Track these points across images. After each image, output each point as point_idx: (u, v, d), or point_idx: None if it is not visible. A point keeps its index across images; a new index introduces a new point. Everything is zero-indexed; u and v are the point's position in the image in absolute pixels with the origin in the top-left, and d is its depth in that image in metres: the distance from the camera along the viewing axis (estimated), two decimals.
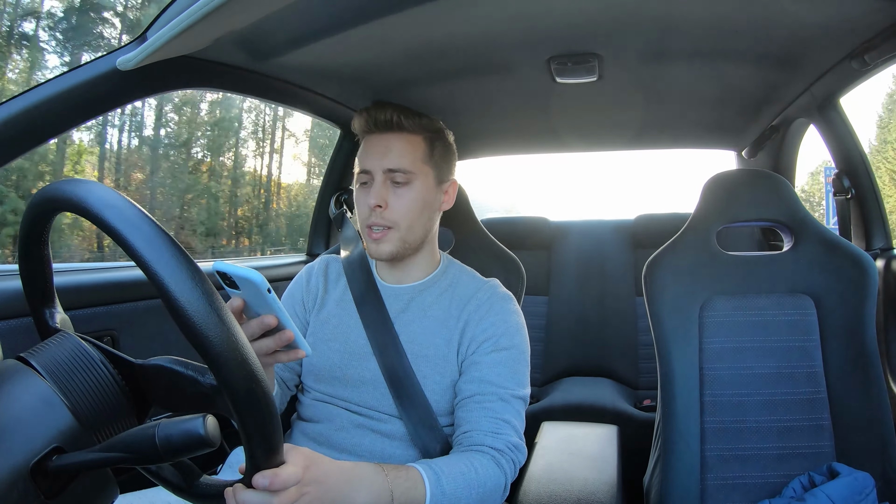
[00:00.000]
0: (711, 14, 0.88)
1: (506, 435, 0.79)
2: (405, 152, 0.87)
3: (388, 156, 0.86)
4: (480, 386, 0.82)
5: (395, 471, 0.67)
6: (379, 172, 0.86)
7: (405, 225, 0.86)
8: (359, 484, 0.62)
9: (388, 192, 0.86)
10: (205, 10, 0.64)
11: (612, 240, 2.09)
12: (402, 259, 0.91)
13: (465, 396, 0.82)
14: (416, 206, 0.87)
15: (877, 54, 0.95)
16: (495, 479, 0.75)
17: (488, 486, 0.74)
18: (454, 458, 0.75)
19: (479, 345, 0.85)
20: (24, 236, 0.54)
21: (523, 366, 0.87)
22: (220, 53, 0.88)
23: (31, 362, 0.47)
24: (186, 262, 0.43)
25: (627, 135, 1.65)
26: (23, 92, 0.71)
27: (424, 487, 0.68)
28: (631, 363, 1.94)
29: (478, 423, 0.80)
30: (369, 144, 0.89)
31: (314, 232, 1.56)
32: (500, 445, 0.78)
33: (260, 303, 0.59)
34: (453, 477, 0.70)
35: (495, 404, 0.81)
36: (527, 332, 0.90)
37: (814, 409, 1.00)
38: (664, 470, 0.99)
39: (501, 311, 0.88)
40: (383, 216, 0.85)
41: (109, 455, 0.42)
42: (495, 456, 0.77)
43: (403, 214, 0.86)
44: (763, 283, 1.06)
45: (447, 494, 0.69)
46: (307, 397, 0.91)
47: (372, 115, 0.88)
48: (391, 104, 0.89)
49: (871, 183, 1.25)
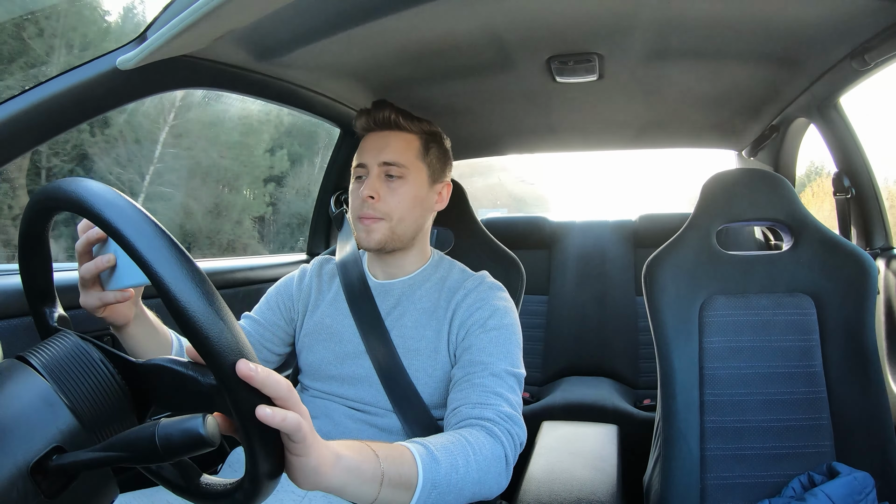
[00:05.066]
0: (711, 14, 0.88)
1: (495, 405, 0.75)
2: (401, 148, 0.90)
3: (385, 150, 0.89)
4: (471, 367, 0.80)
5: (385, 448, 0.60)
6: (374, 165, 0.89)
7: (396, 217, 0.88)
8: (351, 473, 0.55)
9: (381, 185, 0.88)
10: (205, 10, 0.64)
11: (613, 239, 2.09)
12: (391, 252, 0.92)
13: (458, 380, 0.80)
14: (408, 200, 0.89)
15: (877, 54, 0.95)
16: (491, 448, 0.70)
17: (484, 455, 0.68)
18: (440, 434, 0.70)
19: (468, 329, 0.84)
20: (24, 235, 0.54)
21: (515, 346, 0.84)
22: (220, 53, 0.88)
23: (31, 362, 0.47)
24: (186, 261, 0.43)
25: (627, 134, 1.65)
26: (23, 91, 0.71)
27: (414, 459, 0.61)
28: (631, 363, 1.94)
29: (465, 398, 0.76)
30: (367, 142, 0.92)
31: (314, 231, 1.56)
32: (490, 415, 0.74)
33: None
34: (442, 446, 0.65)
35: (485, 379, 0.78)
36: (517, 319, 0.89)
37: (813, 409, 1.00)
38: (664, 469, 1.00)
39: (489, 297, 0.88)
40: (375, 207, 0.87)
41: (109, 454, 0.42)
42: (485, 425, 0.72)
43: (395, 206, 0.88)
44: (763, 282, 1.06)
45: (440, 462, 0.63)
46: (305, 395, 0.92)
47: (372, 115, 0.91)
48: (391, 105, 0.92)
49: (871, 183, 1.25)
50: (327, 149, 2.31)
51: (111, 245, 0.62)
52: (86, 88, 0.74)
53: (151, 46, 0.71)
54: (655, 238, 1.86)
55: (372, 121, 0.91)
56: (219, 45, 0.82)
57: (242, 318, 0.97)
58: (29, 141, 0.72)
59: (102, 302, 0.64)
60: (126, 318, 0.69)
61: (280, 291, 0.98)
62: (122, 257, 0.61)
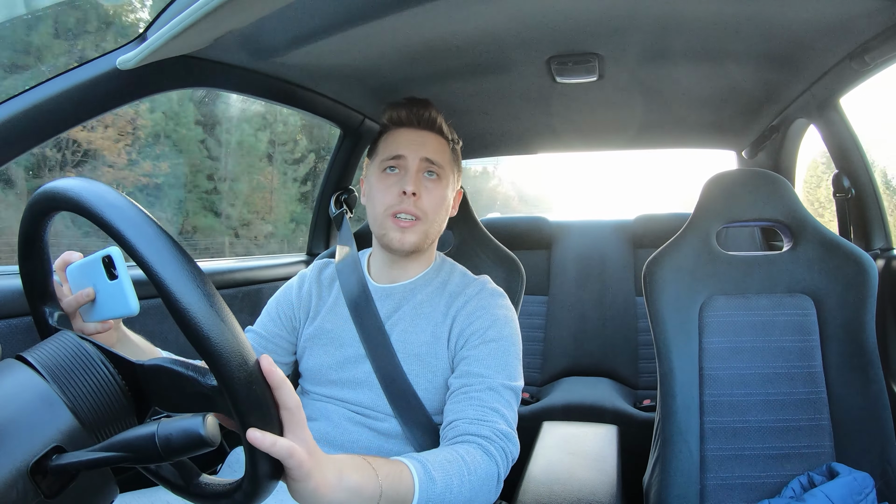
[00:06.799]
0: (711, 14, 0.88)
1: (492, 422, 0.75)
2: (440, 150, 0.90)
3: (426, 147, 0.88)
4: (468, 378, 0.79)
5: (386, 465, 0.62)
6: (416, 160, 0.87)
7: (431, 217, 0.88)
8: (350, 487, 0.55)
9: (420, 183, 0.87)
10: (205, 10, 0.64)
11: (612, 240, 2.09)
12: (412, 255, 0.91)
13: (454, 390, 0.80)
14: (442, 203, 0.89)
15: (877, 54, 0.95)
16: (485, 467, 0.70)
17: (479, 474, 0.68)
18: (438, 449, 0.71)
19: (467, 339, 0.84)
20: (24, 235, 0.54)
21: (514, 358, 0.83)
22: (220, 53, 0.88)
23: (31, 362, 0.47)
24: (187, 262, 0.43)
25: (627, 134, 1.65)
26: (23, 91, 0.71)
27: (412, 477, 0.62)
28: (631, 363, 1.94)
29: (463, 413, 0.76)
30: (403, 135, 0.90)
31: (314, 232, 1.56)
32: (486, 432, 0.73)
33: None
34: (440, 464, 0.66)
35: (483, 393, 0.77)
36: (518, 327, 0.89)
37: (813, 409, 1.00)
38: (664, 470, 0.99)
39: (489, 305, 0.87)
40: (416, 205, 0.86)
41: (109, 454, 0.42)
42: (482, 444, 0.73)
43: (431, 207, 0.87)
44: (763, 282, 1.06)
45: (437, 482, 0.63)
46: (306, 398, 0.92)
47: (414, 111, 0.90)
48: (434, 106, 0.92)
49: (871, 183, 1.25)
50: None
51: (90, 278, 0.61)
52: (86, 88, 0.74)
53: (151, 46, 0.71)
54: (655, 238, 1.86)
55: (415, 118, 0.89)
56: (219, 45, 0.82)
57: (246, 333, 0.96)
58: (29, 141, 0.72)
59: (83, 333, 0.63)
60: (109, 343, 0.67)
61: (280, 301, 0.98)
62: (101, 292, 0.60)
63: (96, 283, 0.61)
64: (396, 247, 0.87)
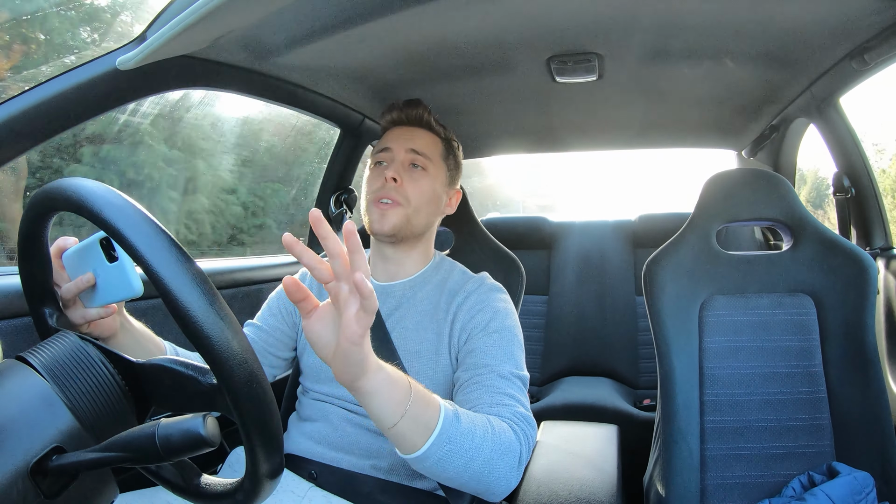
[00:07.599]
0: (711, 14, 0.88)
1: (511, 406, 0.75)
2: (428, 143, 0.94)
3: (413, 140, 0.92)
4: (477, 369, 0.79)
5: (420, 388, 0.62)
6: (401, 151, 0.91)
7: (414, 205, 0.89)
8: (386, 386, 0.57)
9: (405, 172, 0.90)
10: (205, 10, 0.64)
11: (612, 239, 2.09)
12: (397, 246, 0.92)
13: (463, 382, 0.80)
14: (427, 193, 0.91)
15: (877, 54, 0.95)
16: (509, 437, 0.69)
17: (502, 440, 0.68)
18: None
19: (470, 333, 0.84)
20: (24, 236, 0.54)
21: (518, 348, 0.84)
22: (220, 53, 0.88)
23: (31, 362, 0.47)
24: (187, 261, 0.43)
25: (627, 134, 1.66)
26: (23, 91, 0.71)
27: (439, 409, 0.63)
28: (631, 363, 1.94)
29: (478, 399, 0.75)
30: (394, 132, 0.95)
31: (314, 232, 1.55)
32: (507, 415, 0.73)
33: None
34: (467, 413, 0.66)
35: (495, 381, 0.77)
36: (518, 321, 0.89)
37: (813, 409, 1.00)
38: (664, 469, 1.00)
39: (489, 299, 0.88)
40: (397, 190, 0.88)
41: (109, 455, 0.42)
42: (506, 420, 0.72)
43: (414, 194, 0.89)
44: (763, 282, 1.06)
45: (461, 422, 0.63)
46: (306, 397, 0.92)
47: (405, 110, 0.95)
48: (424, 105, 0.96)
49: (871, 183, 1.25)
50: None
51: (89, 262, 0.61)
52: (86, 88, 0.74)
53: (151, 46, 0.71)
54: (655, 238, 1.86)
55: (404, 115, 0.95)
56: (219, 45, 0.82)
57: (246, 326, 0.96)
58: (29, 141, 0.72)
59: (85, 319, 0.64)
60: (111, 329, 0.69)
61: (281, 296, 0.98)
62: (101, 276, 0.60)
63: (96, 267, 0.61)
64: (377, 228, 0.89)
